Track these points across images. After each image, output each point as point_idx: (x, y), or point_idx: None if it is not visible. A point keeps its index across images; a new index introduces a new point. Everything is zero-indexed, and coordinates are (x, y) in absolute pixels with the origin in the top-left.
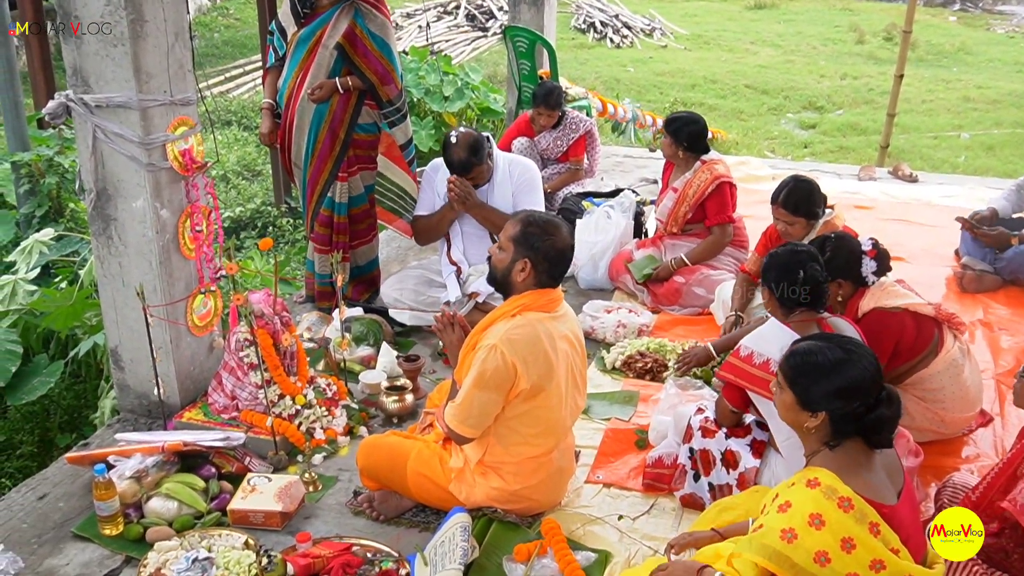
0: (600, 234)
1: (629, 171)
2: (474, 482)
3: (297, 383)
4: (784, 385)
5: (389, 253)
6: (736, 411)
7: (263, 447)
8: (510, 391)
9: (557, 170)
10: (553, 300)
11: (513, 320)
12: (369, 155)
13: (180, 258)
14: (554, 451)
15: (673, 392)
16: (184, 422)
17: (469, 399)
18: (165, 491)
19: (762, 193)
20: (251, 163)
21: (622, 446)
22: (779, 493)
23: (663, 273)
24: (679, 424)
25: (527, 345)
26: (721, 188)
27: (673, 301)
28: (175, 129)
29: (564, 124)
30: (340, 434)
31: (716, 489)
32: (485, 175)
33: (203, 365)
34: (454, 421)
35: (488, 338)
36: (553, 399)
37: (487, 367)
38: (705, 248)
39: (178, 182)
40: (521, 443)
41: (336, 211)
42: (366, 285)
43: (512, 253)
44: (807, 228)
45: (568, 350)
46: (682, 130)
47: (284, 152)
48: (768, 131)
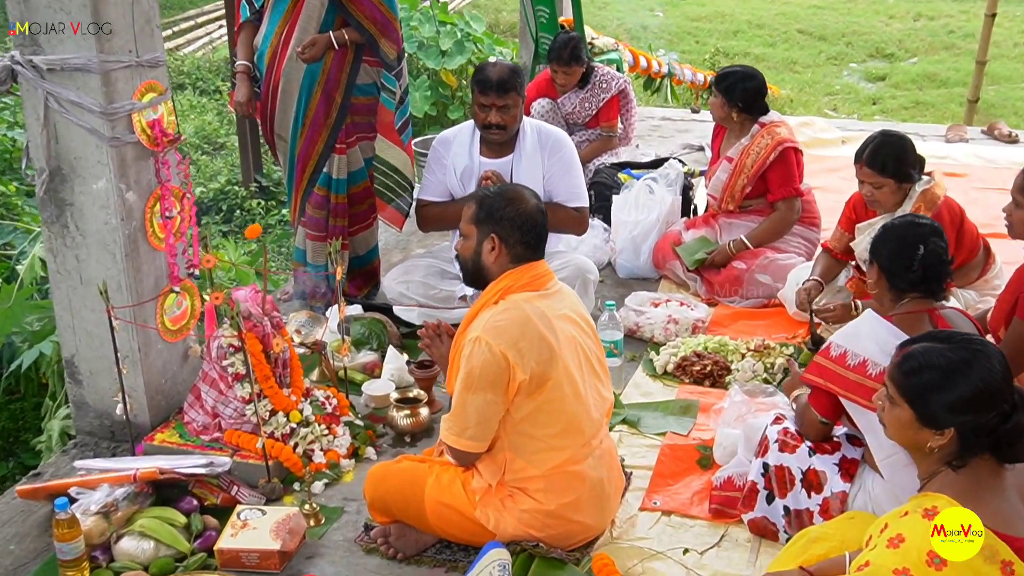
0: (642, 212)
1: (669, 136)
2: (502, 507)
3: (291, 396)
4: (898, 398)
5: (388, 240)
6: (825, 422)
7: (253, 474)
8: (508, 387)
9: (586, 137)
10: (539, 276)
11: (496, 307)
12: (369, 122)
13: (149, 249)
14: (587, 456)
15: (740, 400)
16: (156, 445)
17: (462, 405)
18: (139, 528)
19: (830, 161)
20: (212, 134)
21: (682, 465)
22: (888, 524)
23: (719, 258)
24: (751, 438)
25: (516, 329)
26: (785, 155)
27: (732, 291)
28: (142, 96)
29: (592, 83)
30: (344, 456)
31: (792, 514)
32: (517, 119)
33: (177, 377)
34: (451, 435)
35: (470, 332)
36: (565, 388)
37: (474, 363)
38: (769, 227)
39: (146, 159)
40: (542, 449)
41: (334, 190)
42: (365, 278)
43: (476, 235)
44: (898, 193)
45: (573, 330)
46: (736, 87)
47: (266, 123)
48: (828, 85)
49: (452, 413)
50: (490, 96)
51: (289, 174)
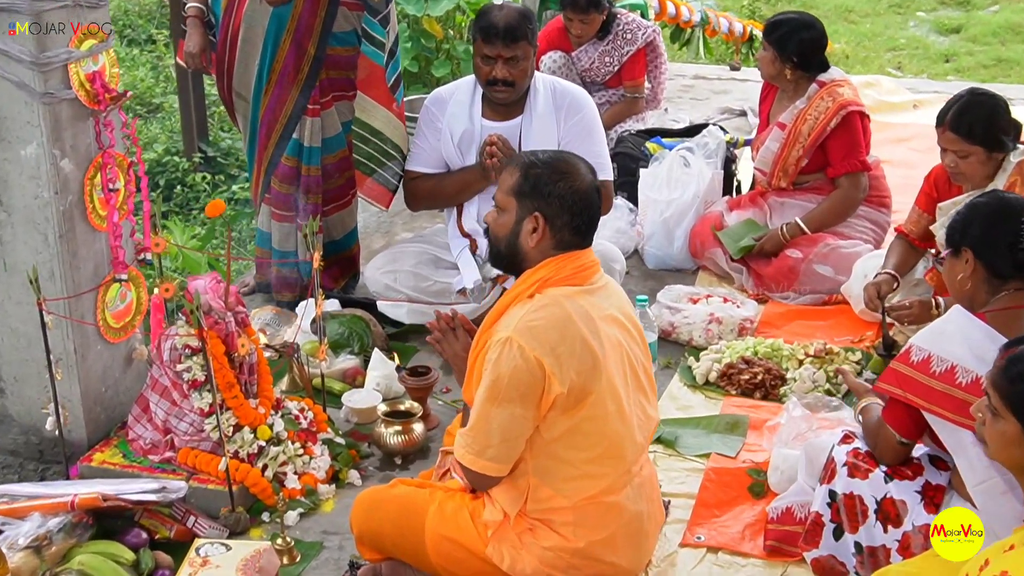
0: (675, 190)
1: (703, 99)
2: (519, 542)
3: (259, 409)
4: (1003, 410)
5: (367, 221)
6: (905, 442)
7: (213, 501)
8: (541, 401)
9: (606, 98)
10: (584, 268)
11: (532, 302)
12: (347, 77)
13: (88, 229)
14: (626, 485)
15: (799, 415)
16: (94, 467)
17: (485, 420)
18: (78, 566)
19: (899, 129)
20: (146, 94)
21: (730, 493)
22: (990, 560)
23: (770, 245)
24: (813, 460)
25: (555, 331)
26: (849, 120)
27: (786, 285)
28: (80, 42)
29: (614, 33)
30: (322, 481)
31: (865, 552)
32: (527, 74)
33: (120, 384)
34: (469, 455)
35: (498, 331)
36: (609, 405)
37: (502, 370)
38: (829, 208)
39: (85, 120)
40: (575, 476)
41: (305, 160)
42: (342, 267)
43: (516, 211)
44: (988, 164)
45: (619, 334)
46: (791, 38)
47: (223, 78)
48: (891, 38)
49: (471, 427)
50: (496, 46)
51: (250, 141)
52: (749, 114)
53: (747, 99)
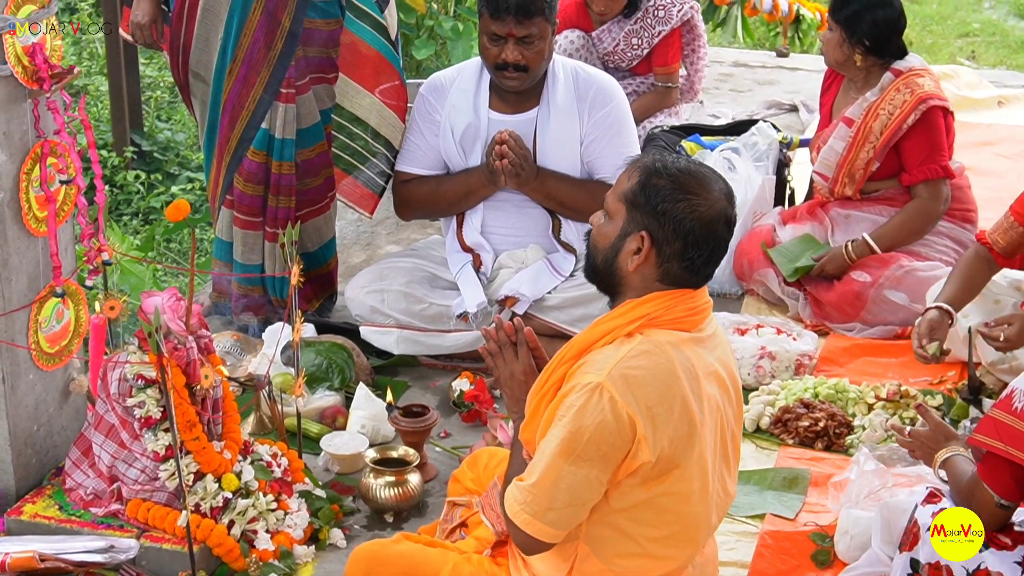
0: None
1: (745, 90)
2: None
3: (225, 453)
4: None
5: (344, 231)
6: (1006, 504)
7: (169, 563)
8: (621, 465)
9: (634, 88)
10: (696, 311)
11: (631, 343)
12: (328, 56)
13: (23, 234)
14: (686, 567)
15: (871, 469)
16: (25, 521)
17: (553, 478)
18: None
19: (982, 130)
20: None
21: (790, 562)
22: None
23: (832, 267)
24: (891, 523)
25: (655, 387)
26: (931, 118)
27: (852, 314)
28: (17, 9)
29: (643, 9)
30: (299, 542)
31: None
32: (545, 57)
33: (54, 422)
34: (525, 513)
35: (586, 373)
36: (695, 482)
37: (586, 422)
38: (904, 222)
39: (21, 102)
40: (634, 554)
41: (276, 155)
42: (317, 285)
43: (623, 222)
44: None
45: (719, 395)
46: (862, 18)
47: (177, 56)
48: (962, 22)
49: (536, 484)
50: (506, 22)
51: (209, 132)
52: (802, 109)
53: (798, 91)
